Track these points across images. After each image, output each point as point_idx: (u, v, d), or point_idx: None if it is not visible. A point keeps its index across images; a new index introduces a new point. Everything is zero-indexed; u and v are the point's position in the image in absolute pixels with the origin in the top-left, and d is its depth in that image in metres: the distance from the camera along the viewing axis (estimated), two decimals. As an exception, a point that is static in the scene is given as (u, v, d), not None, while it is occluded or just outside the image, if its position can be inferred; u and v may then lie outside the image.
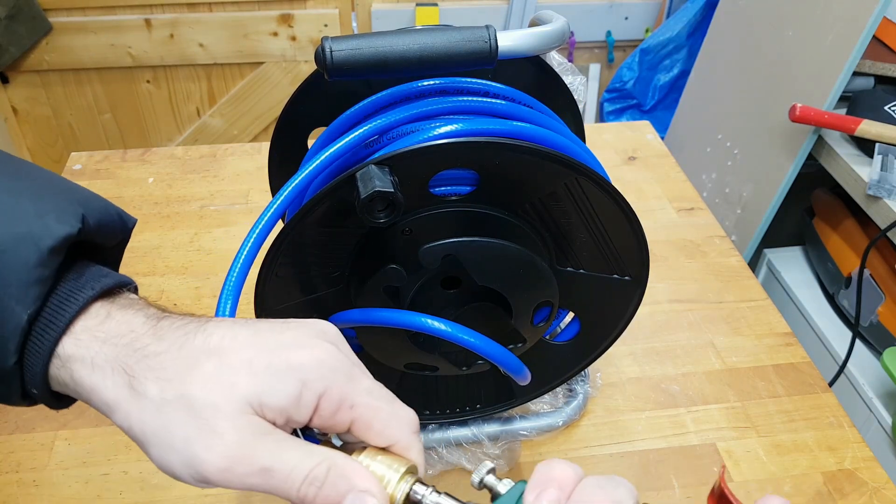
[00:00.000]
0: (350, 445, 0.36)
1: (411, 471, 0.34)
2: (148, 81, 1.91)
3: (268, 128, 1.99)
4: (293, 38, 1.86)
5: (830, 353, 1.22)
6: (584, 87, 0.63)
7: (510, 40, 0.46)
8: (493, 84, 0.50)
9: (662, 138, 1.17)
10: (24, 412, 0.67)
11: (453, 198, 0.47)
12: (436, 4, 1.84)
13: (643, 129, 1.11)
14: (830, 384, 1.08)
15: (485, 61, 0.45)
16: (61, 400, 0.35)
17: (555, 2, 1.92)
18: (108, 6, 1.77)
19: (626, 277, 0.54)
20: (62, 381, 0.33)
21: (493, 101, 0.49)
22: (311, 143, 0.56)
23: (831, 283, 1.27)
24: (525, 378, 0.52)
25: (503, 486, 0.33)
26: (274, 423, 0.32)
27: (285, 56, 1.88)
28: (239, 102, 1.95)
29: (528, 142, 0.45)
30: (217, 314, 0.40)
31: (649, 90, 2.02)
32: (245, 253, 0.42)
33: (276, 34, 1.85)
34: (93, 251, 0.37)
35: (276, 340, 0.33)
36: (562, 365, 0.60)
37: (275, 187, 0.65)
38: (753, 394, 0.71)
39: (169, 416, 0.31)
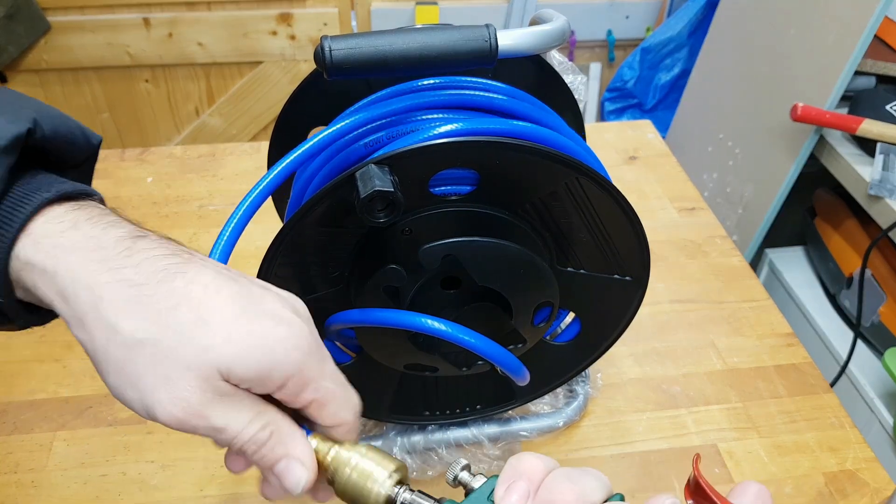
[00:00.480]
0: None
1: (399, 470, 0.35)
2: (146, 81, 1.90)
3: (267, 127, 1.99)
4: (292, 38, 1.85)
5: (832, 354, 1.21)
6: (585, 86, 0.62)
7: (510, 39, 0.46)
8: (493, 83, 0.50)
9: (663, 138, 1.17)
10: (22, 412, 0.67)
11: (453, 198, 0.47)
12: (436, 3, 1.84)
13: (644, 129, 1.10)
14: (832, 384, 1.08)
15: (485, 60, 0.44)
16: (32, 312, 0.35)
17: (555, 1, 1.91)
18: (107, 5, 1.77)
19: (627, 278, 0.53)
20: (25, 286, 0.32)
21: (494, 96, 0.49)
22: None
23: (833, 283, 1.27)
24: (524, 378, 0.52)
25: (477, 482, 0.34)
26: (237, 387, 0.32)
27: (284, 55, 1.88)
28: (238, 102, 1.95)
29: (528, 141, 0.45)
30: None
31: (650, 89, 2.02)
32: (243, 208, 0.42)
33: (275, 33, 1.84)
34: (58, 168, 0.37)
35: (258, 307, 0.33)
36: (562, 365, 0.60)
37: None
38: (755, 394, 0.71)
39: (138, 356, 0.31)
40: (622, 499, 0.32)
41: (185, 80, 1.91)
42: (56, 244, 0.32)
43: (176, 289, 0.31)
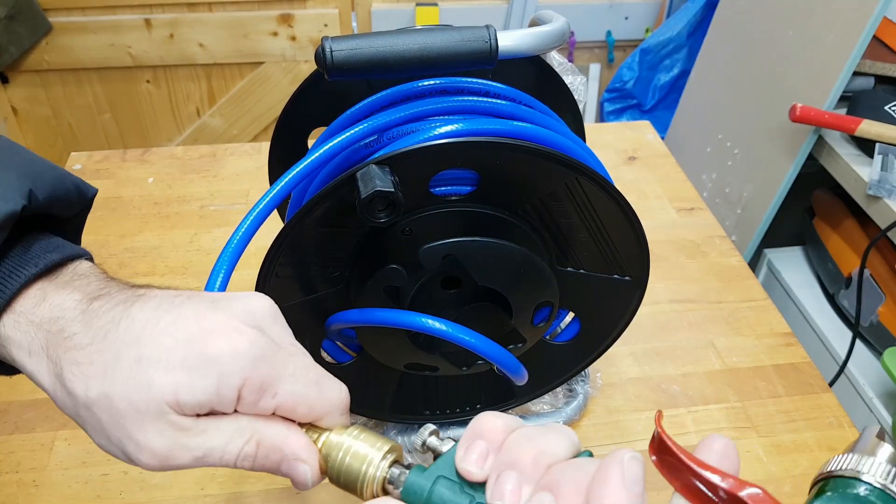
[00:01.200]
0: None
1: (393, 450, 0.34)
2: (148, 81, 1.91)
3: (268, 128, 1.99)
4: (293, 38, 1.86)
5: (831, 354, 1.21)
6: (585, 86, 0.63)
7: (510, 40, 0.46)
8: (494, 84, 0.50)
9: (663, 138, 1.17)
10: (24, 412, 0.67)
11: (453, 198, 0.47)
12: (436, 4, 1.84)
13: (643, 129, 1.11)
14: (831, 384, 1.08)
15: (485, 61, 0.45)
16: (11, 370, 0.36)
17: (555, 2, 1.92)
18: (108, 6, 1.77)
19: (627, 277, 0.54)
20: (7, 358, 0.34)
21: (494, 100, 0.49)
22: (311, 143, 0.56)
23: (831, 283, 1.27)
24: (522, 378, 0.52)
25: (445, 446, 0.33)
26: (197, 415, 0.32)
27: (285, 56, 1.88)
28: (239, 102, 1.95)
29: (528, 142, 0.45)
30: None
31: (649, 90, 2.02)
32: (238, 237, 0.42)
33: (276, 34, 1.85)
34: (51, 222, 0.37)
35: (197, 327, 0.32)
36: (562, 365, 0.60)
37: None
38: (754, 394, 0.71)
39: (97, 416, 0.31)
40: (590, 455, 0.31)
41: (186, 81, 1.91)
42: (29, 321, 0.33)
43: (119, 337, 0.32)
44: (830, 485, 0.27)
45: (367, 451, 0.34)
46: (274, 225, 0.57)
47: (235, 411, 0.33)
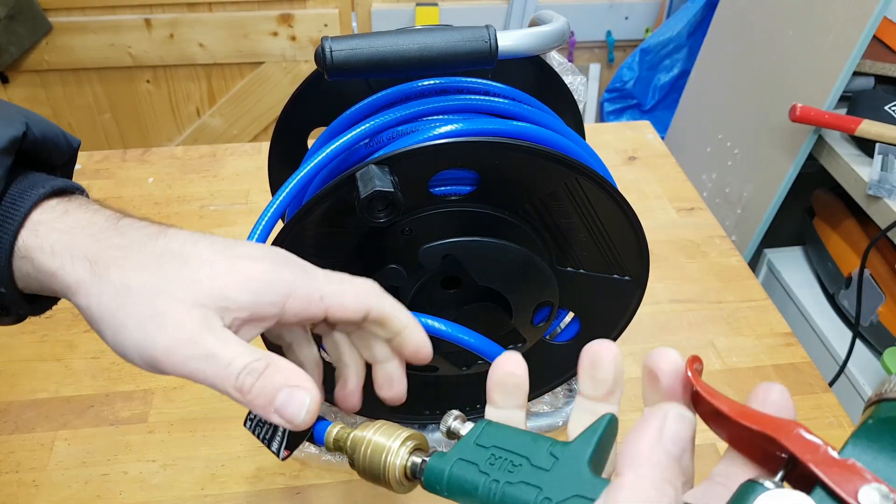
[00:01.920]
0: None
1: (414, 438, 0.35)
2: (148, 81, 1.91)
3: (268, 128, 1.99)
4: (293, 38, 1.86)
5: (831, 353, 1.21)
6: (585, 87, 0.63)
7: (510, 40, 0.46)
8: (494, 84, 0.50)
9: (663, 138, 1.17)
10: (24, 412, 0.67)
11: (453, 198, 0.47)
12: (436, 4, 1.84)
13: (643, 129, 1.11)
14: (831, 384, 1.08)
15: (485, 61, 0.45)
16: (32, 302, 0.37)
17: (555, 2, 1.92)
18: (108, 6, 1.77)
19: (626, 277, 0.54)
20: (25, 273, 0.35)
21: (494, 100, 0.49)
22: (310, 143, 0.56)
23: (831, 283, 1.27)
24: None
25: (465, 429, 0.33)
26: (233, 321, 0.34)
27: (285, 56, 1.88)
28: (239, 102, 1.95)
29: (528, 142, 0.45)
30: None
31: (649, 90, 2.02)
32: None
33: (276, 34, 1.85)
34: (45, 169, 0.39)
35: (235, 251, 0.35)
36: (562, 365, 0.60)
37: (275, 187, 0.65)
38: (754, 394, 0.71)
39: (128, 299, 0.33)
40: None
41: (186, 81, 1.91)
42: (52, 228, 0.34)
43: (159, 246, 0.34)
44: (882, 409, 0.26)
45: (386, 441, 0.35)
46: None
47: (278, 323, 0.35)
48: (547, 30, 0.48)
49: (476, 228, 0.48)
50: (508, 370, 0.33)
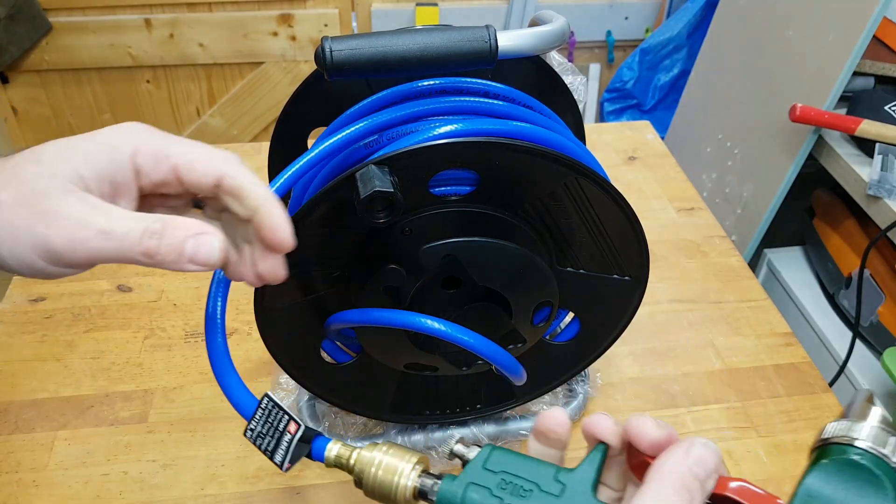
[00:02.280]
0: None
1: (422, 461, 0.36)
2: (148, 81, 1.91)
3: (268, 128, 1.99)
4: (293, 38, 1.86)
5: (831, 353, 1.21)
6: (584, 87, 0.63)
7: (510, 40, 0.46)
8: (493, 84, 0.50)
9: (662, 138, 1.17)
10: (24, 412, 0.67)
11: (453, 198, 0.47)
12: (436, 4, 1.84)
13: (643, 129, 1.11)
14: (831, 384, 1.08)
15: (485, 61, 0.45)
16: None
17: (555, 2, 1.92)
18: (108, 6, 1.77)
19: (626, 277, 0.54)
20: None
21: (493, 101, 0.49)
22: (311, 143, 0.56)
23: (831, 283, 1.27)
24: (521, 378, 0.52)
25: (472, 453, 0.35)
26: (103, 195, 0.35)
27: (285, 56, 1.88)
28: (239, 102, 1.95)
29: (527, 142, 0.45)
30: (207, 310, 0.44)
31: (649, 90, 2.02)
32: None
33: (275, 34, 1.85)
34: None
35: (79, 137, 0.36)
36: (562, 365, 0.60)
37: None
38: (754, 394, 0.71)
39: (8, 213, 0.33)
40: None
41: (186, 81, 1.91)
42: None
43: (12, 160, 0.35)
44: (826, 452, 0.28)
45: (397, 463, 0.36)
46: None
47: (142, 193, 0.37)
48: (547, 30, 0.48)
49: (476, 228, 0.48)
50: (551, 426, 0.35)
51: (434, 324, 0.46)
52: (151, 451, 0.64)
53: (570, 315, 0.58)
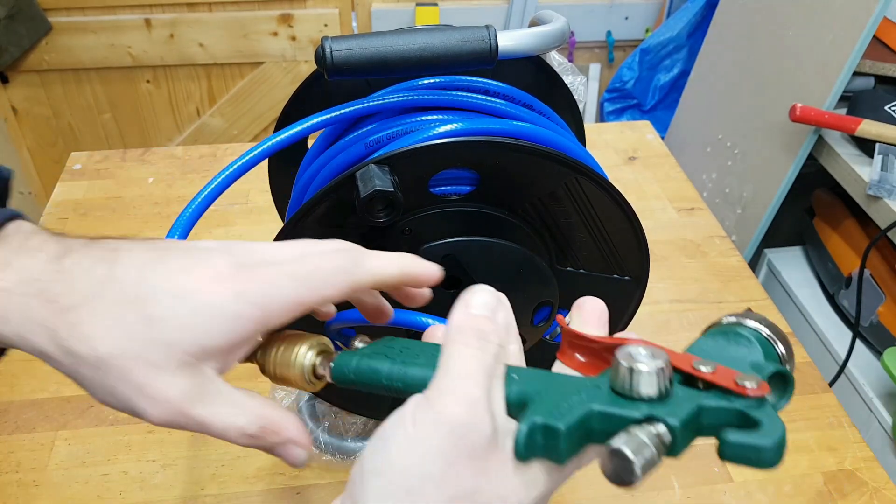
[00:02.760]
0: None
1: (322, 342, 0.36)
2: (148, 81, 1.91)
3: (268, 128, 1.99)
4: (293, 38, 1.86)
5: (830, 353, 1.21)
6: (585, 86, 0.63)
7: (510, 40, 0.46)
8: (493, 83, 0.50)
9: (662, 138, 1.17)
10: (24, 412, 0.67)
11: (453, 197, 0.47)
12: (436, 4, 1.84)
13: (643, 129, 1.11)
14: (830, 384, 1.08)
15: (485, 61, 0.45)
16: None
17: (555, 2, 1.92)
18: (108, 6, 1.77)
19: (626, 277, 0.54)
20: None
21: (493, 100, 0.49)
22: (311, 142, 0.56)
23: (831, 283, 1.27)
24: None
25: (362, 343, 0.36)
26: (216, 364, 0.32)
27: (285, 56, 1.88)
28: (239, 102, 1.95)
29: (527, 141, 0.45)
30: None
31: (649, 90, 2.02)
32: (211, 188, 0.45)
33: (275, 34, 1.85)
34: None
35: (189, 278, 0.31)
36: None
37: (275, 187, 0.65)
38: (754, 394, 0.71)
39: (104, 375, 0.31)
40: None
41: (186, 81, 1.91)
42: (1, 288, 0.31)
43: (112, 296, 0.31)
44: (717, 328, 0.34)
45: (294, 344, 0.35)
46: (275, 226, 0.57)
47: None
48: (547, 30, 0.48)
49: (476, 228, 0.48)
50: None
51: (435, 323, 0.46)
52: (152, 450, 0.64)
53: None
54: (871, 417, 1.11)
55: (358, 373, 0.33)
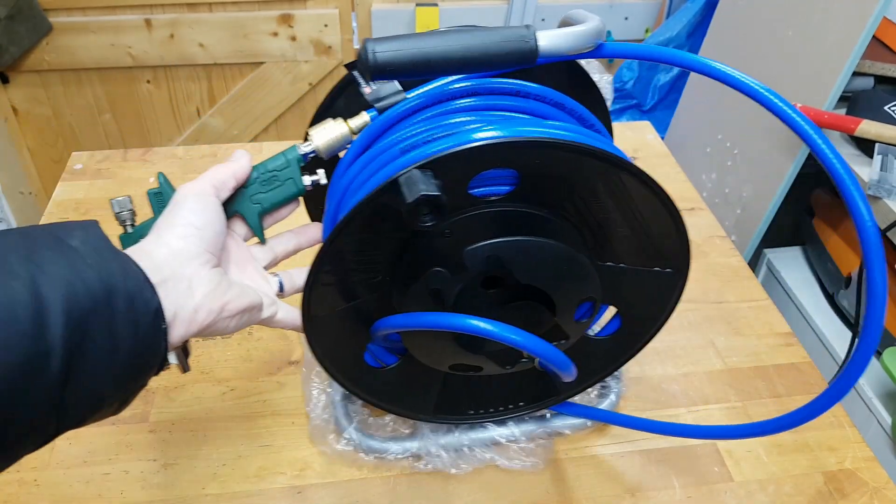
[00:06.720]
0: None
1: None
2: (148, 81, 1.91)
3: (268, 128, 1.99)
4: (293, 38, 1.86)
5: (830, 353, 1.22)
6: (610, 85, 0.63)
7: (550, 40, 0.45)
8: (526, 83, 0.50)
9: (662, 138, 1.17)
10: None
11: (493, 198, 0.47)
12: (436, 5, 1.84)
13: (643, 130, 1.11)
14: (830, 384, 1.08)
15: (526, 61, 0.44)
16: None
17: (555, 2, 1.92)
18: (109, 6, 1.77)
19: (668, 270, 0.54)
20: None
21: (528, 100, 0.50)
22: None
23: (831, 283, 1.27)
24: (572, 375, 0.52)
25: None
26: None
27: (285, 56, 1.88)
28: (239, 102, 1.95)
29: (571, 140, 0.45)
30: None
31: (649, 90, 2.02)
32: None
33: (276, 34, 1.84)
34: None
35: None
36: (602, 360, 0.60)
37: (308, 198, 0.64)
38: (754, 394, 0.71)
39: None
40: None
41: (186, 81, 1.91)
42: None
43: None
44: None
45: None
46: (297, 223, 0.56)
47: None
48: (586, 29, 0.47)
49: (517, 228, 0.48)
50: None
51: (488, 326, 0.46)
52: (152, 450, 0.64)
53: (611, 310, 0.58)
54: (871, 417, 1.11)
55: None
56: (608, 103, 0.62)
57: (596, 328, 0.60)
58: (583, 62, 0.61)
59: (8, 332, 0.31)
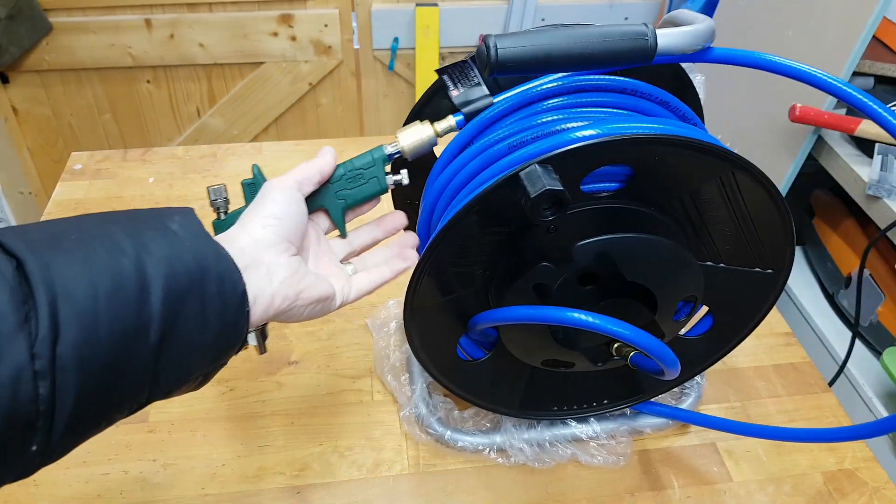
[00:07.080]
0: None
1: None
2: (148, 81, 1.91)
3: (268, 128, 1.99)
4: (293, 39, 1.86)
5: (830, 353, 1.22)
6: (703, 85, 0.63)
7: (667, 39, 0.45)
8: (636, 81, 0.50)
9: (662, 138, 1.17)
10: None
11: (603, 195, 0.47)
12: (436, 5, 1.84)
13: (643, 129, 1.10)
14: (830, 384, 1.09)
15: (643, 59, 0.44)
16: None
17: (556, 2, 1.92)
18: (109, 6, 1.77)
19: (769, 271, 0.53)
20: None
21: (638, 98, 0.50)
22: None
23: (831, 283, 1.27)
24: (676, 371, 0.51)
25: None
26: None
27: (285, 56, 1.88)
28: (239, 102, 1.95)
29: (689, 137, 0.45)
30: None
31: (649, 90, 2.02)
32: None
33: (276, 34, 1.84)
34: None
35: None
36: (692, 359, 0.60)
37: (396, 196, 0.64)
38: (753, 394, 0.71)
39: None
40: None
41: (186, 81, 1.91)
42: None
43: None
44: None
45: None
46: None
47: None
48: (700, 28, 0.46)
49: (625, 225, 0.48)
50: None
51: (606, 323, 0.46)
52: (152, 450, 0.64)
53: (704, 309, 0.58)
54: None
55: None
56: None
57: (684, 328, 0.59)
58: None
59: (118, 302, 0.35)
